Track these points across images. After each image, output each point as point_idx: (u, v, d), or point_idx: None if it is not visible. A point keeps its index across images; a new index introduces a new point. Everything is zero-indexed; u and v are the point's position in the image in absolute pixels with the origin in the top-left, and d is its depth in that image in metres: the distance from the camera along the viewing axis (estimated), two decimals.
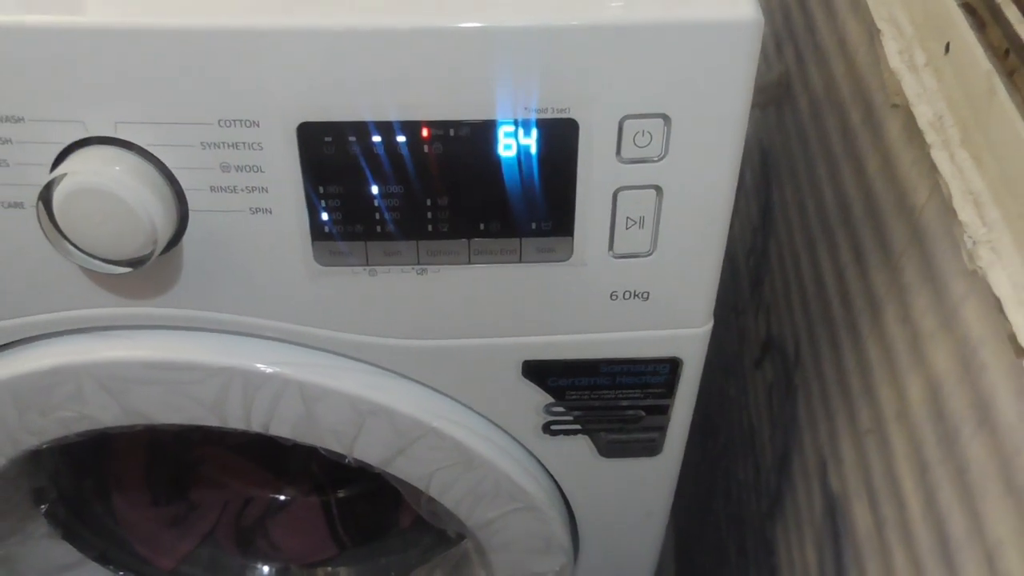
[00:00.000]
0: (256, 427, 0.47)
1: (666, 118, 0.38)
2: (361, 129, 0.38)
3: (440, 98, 0.37)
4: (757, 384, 0.75)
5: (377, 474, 0.53)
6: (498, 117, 0.38)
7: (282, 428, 0.47)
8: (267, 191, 0.39)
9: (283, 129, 0.37)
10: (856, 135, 0.52)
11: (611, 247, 0.42)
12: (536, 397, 0.48)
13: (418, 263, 0.42)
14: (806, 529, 0.58)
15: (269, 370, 0.45)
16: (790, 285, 0.65)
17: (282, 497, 0.78)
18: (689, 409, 0.50)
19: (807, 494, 0.58)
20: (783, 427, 0.65)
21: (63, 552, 0.66)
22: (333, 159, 0.38)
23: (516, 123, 0.38)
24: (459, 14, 0.36)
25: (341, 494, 0.79)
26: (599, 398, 0.48)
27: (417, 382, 0.47)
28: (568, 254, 0.42)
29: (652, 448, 0.51)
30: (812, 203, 0.60)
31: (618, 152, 0.39)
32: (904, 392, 0.42)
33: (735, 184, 0.40)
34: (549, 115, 0.38)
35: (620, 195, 0.40)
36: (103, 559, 0.69)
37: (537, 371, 0.47)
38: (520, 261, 0.42)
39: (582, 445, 0.51)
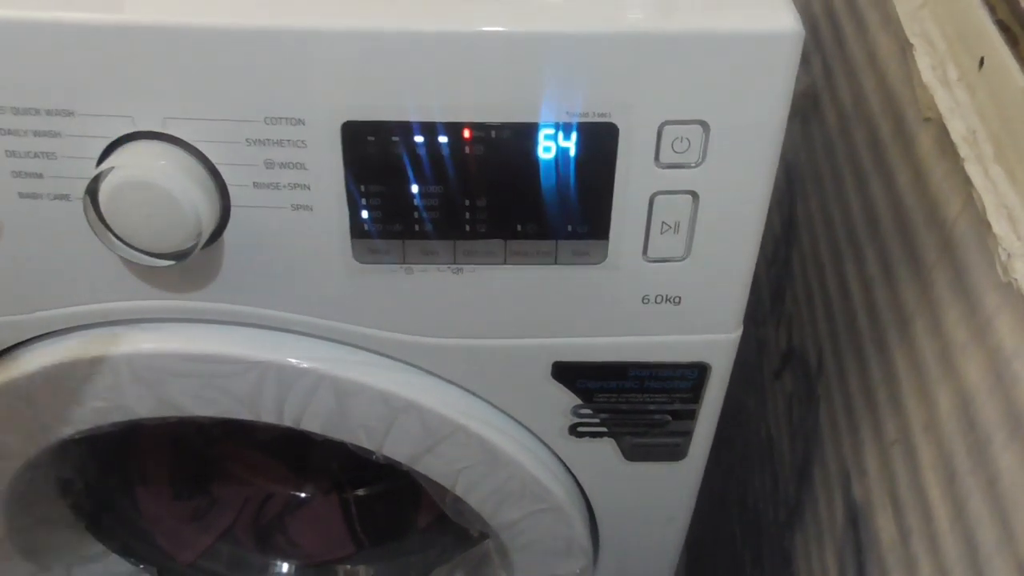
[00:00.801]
0: (288, 421, 0.48)
1: (705, 125, 0.38)
2: (404, 129, 0.38)
3: (483, 100, 0.38)
4: (776, 395, 0.76)
5: (396, 474, 0.54)
6: (540, 120, 0.38)
7: (314, 423, 0.48)
8: (309, 188, 0.40)
9: (328, 128, 0.38)
10: (886, 148, 0.53)
11: (645, 251, 0.42)
12: (564, 399, 0.48)
13: (454, 262, 0.42)
14: (827, 539, 0.58)
15: (304, 365, 0.45)
16: (813, 296, 0.65)
17: (301, 495, 0.79)
18: (715, 415, 0.51)
19: (828, 504, 0.58)
20: (803, 437, 0.66)
21: (86, 543, 0.67)
22: (375, 158, 0.39)
23: (557, 126, 0.38)
24: (505, 19, 0.36)
25: (360, 493, 0.79)
26: (626, 401, 0.49)
27: (447, 381, 0.47)
28: (602, 257, 0.42)
29: (677, 453, 0.52)
30: (838, 215, 0.61)
31: (656, 157, 0.39)
32: (933, 403, 0.43)
33: (770, 191, 0.41)
34: (590, 119, 0.38)
35: (656, 200, 0.40)
36: (125, 551, 0.70)
37: (567, 373, 0.47)
38: (555, 263, 0.42)
39: (607, 448, 0.51)
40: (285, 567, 0.76)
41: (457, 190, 0.40)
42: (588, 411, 0.49)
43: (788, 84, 0.38)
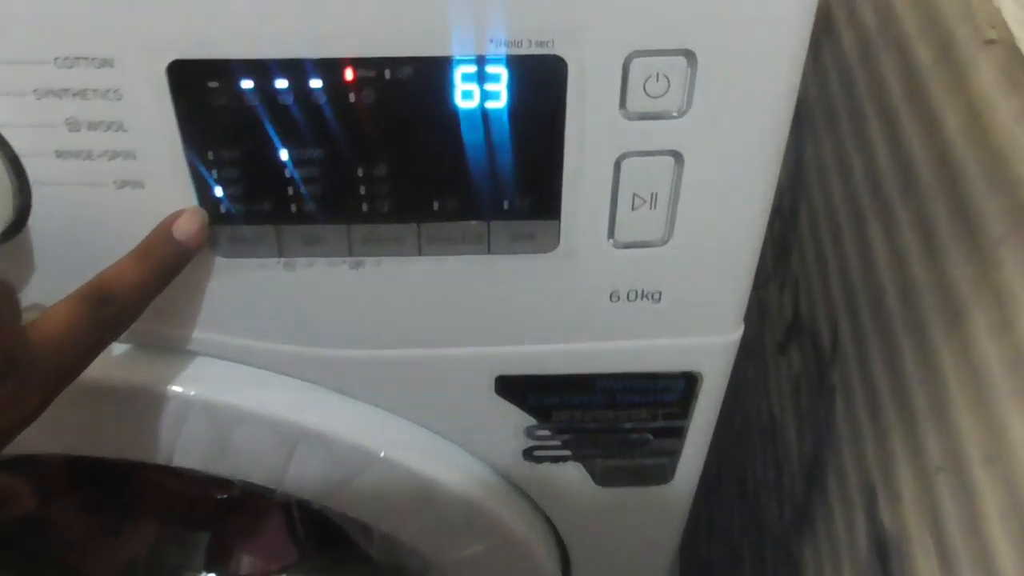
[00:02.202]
0: (158, 459, 0.37)
1: (690, 56, 0.27)
2: (259, 70, 0.27)
3: (370, 25, 0.26)
4: (780, 372, 0.65)
5: None
6: (453, 53, 0.26)
7: (189, 458, 0.37)
8: (134, 157, 0.28)
9: (148, 70, 0.27)
10: (926, 80, 0.41)
11: (611, 234, 0.31)
12: (514, 418, 0.38)
13: (350, 254, 0.31)
14: (845, 562, 0.48)
15: (161, 388, 0.34)
16: (827, 260, 0.54)
17: (234, 497, 0.69)
18: (708, 429, 0.40)
19: (847, 521, 0.48)
20: (814, 430, 0.55)
21: None
22: (222, 112, 0.27)
23: (479, 62, 0.27)
24: None
25: None
26: (594, 419, 0.38)
27: (360, 400, 0.37)
28: (553, 243, 0.31)
29: (661, 476, 0.41)
30: (860, 164, 0.49)
31: (622, 104, 0.28)
32: (1002, 428, 0.32)
33: (782, 150, 0.29)
34: (526, 50, 0.26)
35: (625, 164, 0.29)
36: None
37: (514, 388, 0.36)
38: (488, 252, 0.31)
39: (573, 472, 0.41)
40: None
41: (344, 154, 0.28)
42: (546, 432, 0.38)
43: None
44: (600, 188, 0.29)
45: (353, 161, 0.29)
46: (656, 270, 0.32)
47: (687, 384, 0.37)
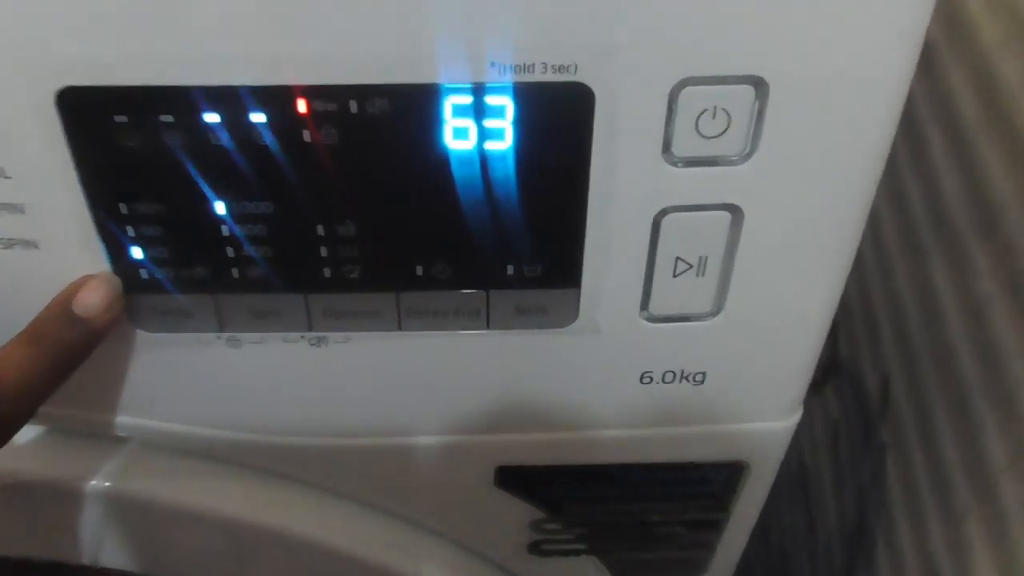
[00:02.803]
0: (82, 559, 0.30)
1: (760, 85, 0.20)
2: (181, 100, 0.20)
3: (329, 43, 0.19)
4: (813, 412, 0.58)
5: None
6: (441, 80, 0.20)
7: (118, 560, 0.30)
8: (22, 211, 0.22)
9: (30, 100, 0.20)
10: (1012, 99, 0.34)
11: (645, 305, 0.24)
12: (517, 511, 0.31)
13: (309, 329, 0.24)
14: None
15: (80, 483, 0.28)
16: (872, 296, 0.48)
17: None
18: (752, 519, 0.33)
19: None
20: (857, 490, 0.49)
21: None
22: (134, 154, 0.21)
23: (476, 91, 0.20)
24: None
25: None
26: (614, 513, 0.31)
27: (328, 491, 0.30)
28: (570, 317, 0.24)
29: (693, 570, 0.35)
30: (919, 193, 0.42)
31: (667, 146, 0.21)
32: None
33: (869, 203, 0.23)
34: (540, 77, 0.20)
35: (666, 221, 0.22)
36: None
37: (518, 480, 0.29)
38: (487, 328, 0.24)
39: (588, 566, 0.34)
40: None
41: (300, 208, 0.22)
42: (555, 526, 0.32)
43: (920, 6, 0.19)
44: (633, 250, 0.23)
45: (311, 216, 0.22)
46: (700, 348, 0.25)
47: (731, 474, 0.30)
